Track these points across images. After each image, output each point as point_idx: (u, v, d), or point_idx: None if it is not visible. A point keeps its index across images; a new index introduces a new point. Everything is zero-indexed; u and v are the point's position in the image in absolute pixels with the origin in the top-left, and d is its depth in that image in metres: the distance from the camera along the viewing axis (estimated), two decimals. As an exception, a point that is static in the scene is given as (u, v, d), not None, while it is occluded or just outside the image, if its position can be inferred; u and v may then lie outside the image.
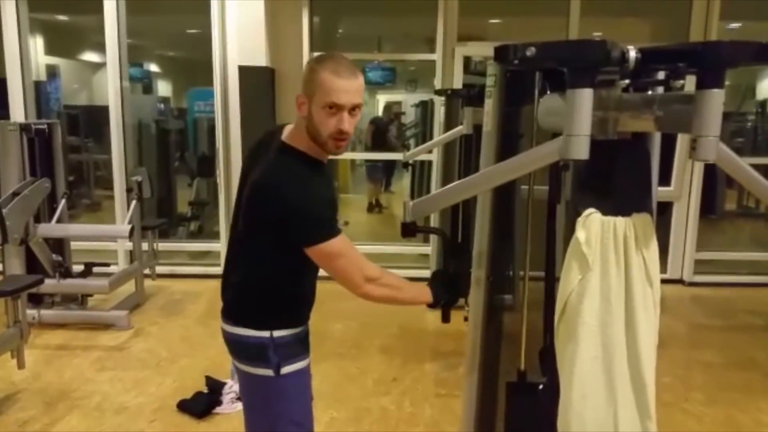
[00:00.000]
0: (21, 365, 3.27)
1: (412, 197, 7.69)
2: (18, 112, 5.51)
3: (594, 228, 1.34)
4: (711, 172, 5.57)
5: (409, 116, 11.72)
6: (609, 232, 1.34)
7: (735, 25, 6.34)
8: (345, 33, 8.00)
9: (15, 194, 3.80)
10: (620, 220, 1.35)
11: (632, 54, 1.27)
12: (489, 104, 1.83)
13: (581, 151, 1.24)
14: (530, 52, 1.25)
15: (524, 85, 1.78)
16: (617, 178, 1.42)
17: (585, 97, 1.22)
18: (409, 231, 1.62)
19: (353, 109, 1.60)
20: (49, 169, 4.36)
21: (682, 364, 3.82)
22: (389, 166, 9.78)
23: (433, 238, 5.37)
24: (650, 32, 6.45)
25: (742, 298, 5.30)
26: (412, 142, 10.02)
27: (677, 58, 1.27)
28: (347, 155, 8.58)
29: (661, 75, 1.48)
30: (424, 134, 8.27)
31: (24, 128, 4.23)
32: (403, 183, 10.60)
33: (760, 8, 5.76)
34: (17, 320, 3.19)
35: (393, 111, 10.34)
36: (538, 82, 1.72)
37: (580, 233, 1.35)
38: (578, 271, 1.37)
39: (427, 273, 5.11)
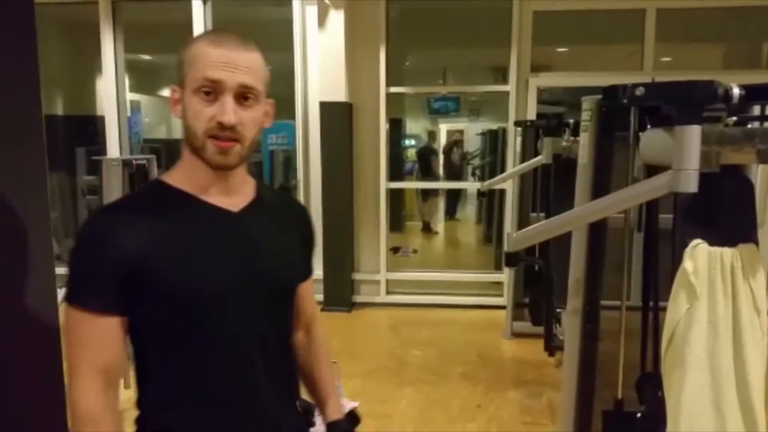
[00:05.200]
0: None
1: (487, 226, 7.65)
2: (113, 146, 5.92)
3: (701, 258, 1.39)
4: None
5: (473, 144, 11.80)
6: (716, 263, 1.39)
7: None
8: (412, 65, 8.18)
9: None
10: (727, 251, 1.39)
11: (736, 91, 1.33)
12: (585, 137, 1.91)
13: (691, 184, 1.30)
14: (639, 92, 1.33)
15: (619, 119, 1.85)
16: (723, 209, 1.46)
17: (693, 133, 1.28)
18: (513, 261, 1.71)
19: (244, 95, 1.06)
20: (146, 201, 4.64)
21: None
22: (454, 194, 9.91)
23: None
24: (723, 57, 6.33)
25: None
26: (476, 170, 10.10)
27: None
28: (412, 184, 8.74)
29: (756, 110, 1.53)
30: (493, 163, 8.31)
31: (125, 163, 4.55)
32: (467, 210, 10.65)
33: None
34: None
35: (453, 139, 10.46)
36: (635, 117, 1.79)
37: (687, 263, 1.40)
38: (686, 300, 1.41)
39: (500, 301, 5.13)
